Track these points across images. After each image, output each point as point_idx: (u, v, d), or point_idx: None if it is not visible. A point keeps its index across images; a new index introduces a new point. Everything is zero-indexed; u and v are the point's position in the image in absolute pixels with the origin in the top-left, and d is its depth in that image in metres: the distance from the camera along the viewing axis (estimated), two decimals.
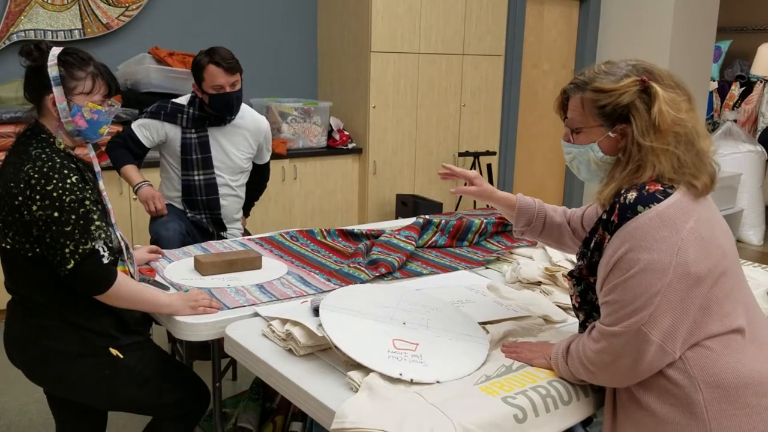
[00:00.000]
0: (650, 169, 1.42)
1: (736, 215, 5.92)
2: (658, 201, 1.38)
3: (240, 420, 2.28)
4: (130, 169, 2.87)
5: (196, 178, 2.94)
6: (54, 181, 1.69)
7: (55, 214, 1.68)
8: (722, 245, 1.42)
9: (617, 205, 1.42)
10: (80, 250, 1.70)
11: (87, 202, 1.73)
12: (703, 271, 1.36)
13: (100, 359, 1.82)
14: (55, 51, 1.77)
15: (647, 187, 1.41)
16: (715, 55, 6.93)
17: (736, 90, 6.85)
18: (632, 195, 1.41)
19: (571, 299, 1.63)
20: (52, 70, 1.75)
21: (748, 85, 6.80)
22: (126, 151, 2.90)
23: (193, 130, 2.91)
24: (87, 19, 4.05)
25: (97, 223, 1.75)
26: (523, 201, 1.84)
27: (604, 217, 1.47)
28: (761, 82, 6.70)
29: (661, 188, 1.41)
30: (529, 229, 1.84)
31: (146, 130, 2.91)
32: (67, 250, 1.69)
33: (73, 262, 1.70)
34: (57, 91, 1.75)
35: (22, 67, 1.80)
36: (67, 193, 1.69)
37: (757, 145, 6.12)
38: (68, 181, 1.70)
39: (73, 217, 1.70)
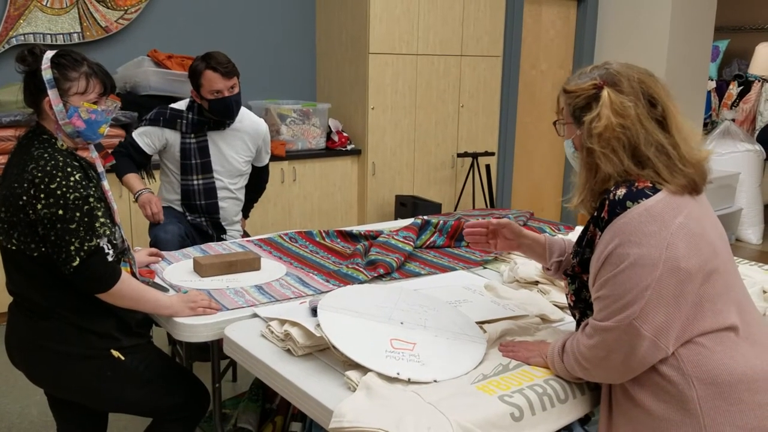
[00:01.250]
0: (604, 169, 1.45)
1: (735, 214, 5.93)
2: (647, 197, 1.41)
3: (240, 421, 2.29)
4: (132, 178, 2.89)
5: (195, 182, 2.96)
6: (58, 179, 1.70)
7: (60, 212, 1.70)
8: (713, 243, 1.43)
9: (607, 202, 1.45)
10: (85, 247, 1.72)
11: (91, 200, 1.74)
12: (693, 267, 1.37)
13: (101, 361, 1.83)
14: (49, 54, 1.79)
15: (636, 184, 1.44)
16: (713, 55, 6.94)
17: (734, 89, 6.87)
18: (621, 191, 1.43)
19: (567, 298, 1.64)
20: (46, 73, 1.76)
21: (746, 85, 6.81)
22: (128, 159, 2.93)
23: (192, 135, 2.92)
24: (86, 22, 4.06)
25: (102, 220, 1.76)
26: (551, 237, 1.85)
27: (595, 214, 1.50)
28: (759, 81, 6.71)
29: (650, 184, 1.43)
30: (564, 259, 1.80)
31: (147, 137, 2.93)
32: (72, 248, 1.71)
33: (78, 259, 1.71)
34: (52, 94, 1.77)
35: (18, 73, 1.82)
36: (71, 190, 1.71)
37: (756, 144, 6.13)
38: (72, 179, 1.72)
39: (78, 214, 1.71)
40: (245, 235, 3.20)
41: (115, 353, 1.84)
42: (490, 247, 1.86)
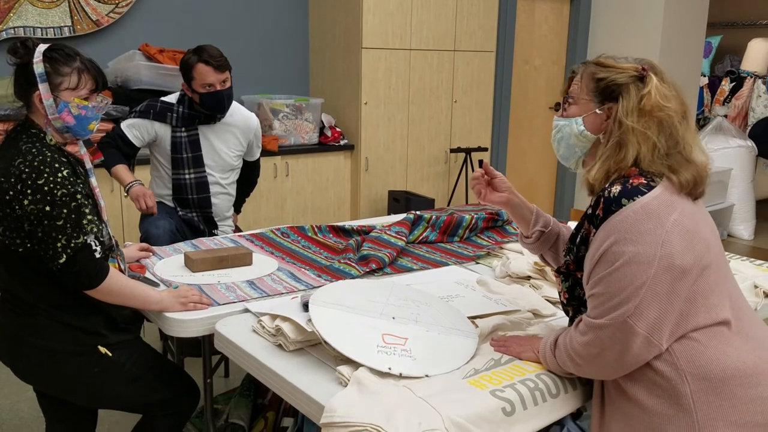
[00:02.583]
0: (631, 149, 1.44)
1: (727, 210, 5.95)
2: (642, 194, 1.40)
3: (231, 416, 2.28)
4: (121, 169, 2.86)
5: (187, 176, 2.94)
6: (45, 175, 1.69)
7: (47, 208, 1.68)
8: (706, 238, 1.43)
9: (602, 199, 1.45)
10: (72, 244, 1.70)
11: (79, 196, 1.73)
12: (687, 263, 1.37)
13: (88, 358, 1.82)
14: (41, 48, 1.77)
15: (631, 181, 1.43)
16: (705, 51, 6.95)
17: (726, 85, 6.88)
18: (616, 188, 1.43)
19: (560, 296, 1.64)
20: (38, 67, 1.75)
21: (739, 81, 6.82)
22: (116, 151, 2.89)
23: (183, 129, 2.90)
24: (77, 16, 4.03)
25: (89, 217, 1.75)
26: (539, 210, 1.84)
27: (590, 211, 1.49)
28: (751, 77, 6.72)
29: (645, 181, 1.43)
30: (546, 234, 1.78)
31: (136, 129, 2.90)
32: (59, 245, 1.69)
33: (65, 256, 1.70)
34: (43, 88, 1.75)
35: (9, 65, 1.80)
36: (58, 187, 1.69)
37: (748, 140, 6.14)
38: (59, 174, 1.70)
39: (65, 211, 1.70)
40: (237, 230, 3.19)
41: (102, 349, 1.83)
42: (482, 194, 1.78)
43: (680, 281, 1.37)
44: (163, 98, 2.95)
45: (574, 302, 1.58)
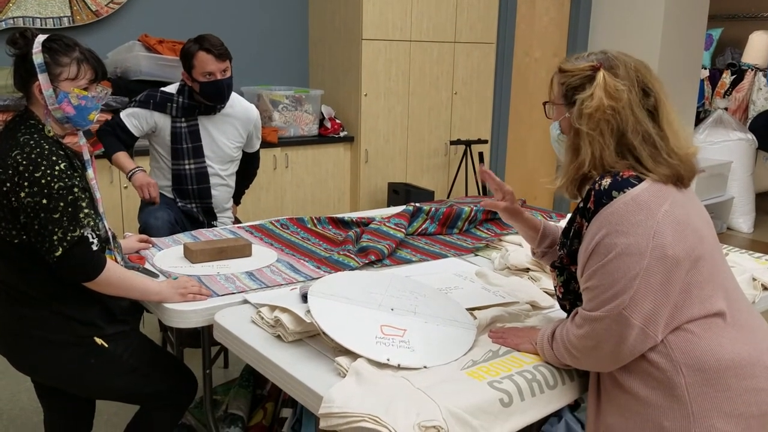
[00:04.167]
0: (584, 153, 1.46)
1: (727, 203, 5.95)
2: (633, 185, 1.41)
3: (230, 407, 2.29)
4: (122, 156, 2.86)
5: (187, 167, 2.94)
6: (42, 168, 1.69)
7: (44, 201, 1.68)
8: (699, 229, 1.43)
9: (593, 192, 1.45)
10: (69, 238, 1.70)
11: (75, 190, 1.73)
12: (680, 254, 1.38)
13: (84, 348, 1.82)
14: (40, 38, 1.77)
15: (621, 173, 1.44)
16: (706, 43, 6.93)
17: (727, 78, 6.86)
18: (607, 181, 1.43)
19: (555, 291, 1.64)
20: (37, 57, 1.74)
21: (739, 73, 6.81)
22: (115, 138, 2.89)
23: (183, 119, 2.90)
24: (76, 6, 4.02)
25: (86, 210, 1.75)
26: (548, 224, 1.85)
27: (581, 205, 1.50)
28: (752, 69, 6.71)
29: (635, 174, 1.43)
30: (551, 251, 1.80)
31: (135, 119, 2.90)
32: (55, 238, 1.69)
33: (61, 249, 1.70)
34: (42, 78, 1.75)
35: (9, 56, 1.80)
36: (55, 180, 1.69)
37: (748, 133, 6.14)
38: (57, 168, 1.70)
39: (62, 204, 1.70)
40: (236, 221, 3.19)
41: (99, 341, 1.83)
42: (495, 198, 1.80)
43: (673, 272, 1.37)
44: (163, 88, 2.95)
45: (570, 296, 1.59)
